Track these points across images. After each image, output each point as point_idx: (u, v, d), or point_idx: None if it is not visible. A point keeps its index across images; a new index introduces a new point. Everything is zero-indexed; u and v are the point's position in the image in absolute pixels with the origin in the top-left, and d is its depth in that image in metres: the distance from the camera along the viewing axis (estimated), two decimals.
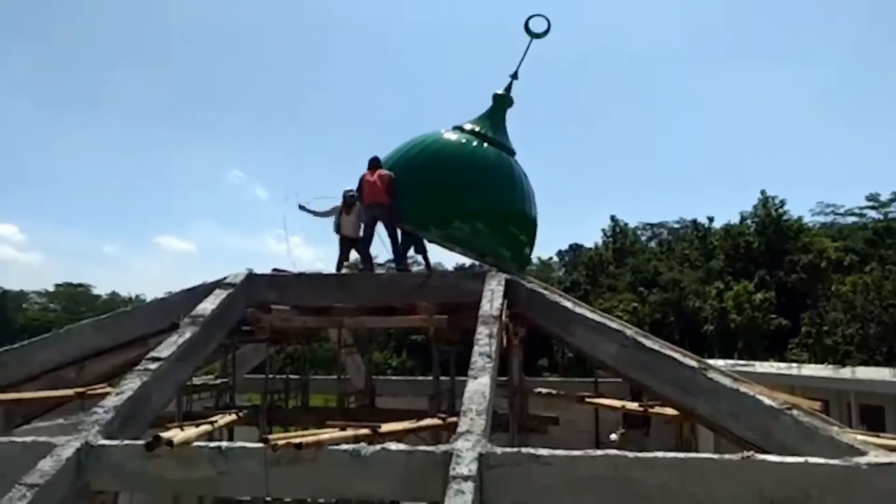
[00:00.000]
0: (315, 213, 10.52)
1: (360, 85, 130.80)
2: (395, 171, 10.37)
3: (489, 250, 10.67)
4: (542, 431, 9.80)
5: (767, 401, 6.45)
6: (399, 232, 10.50)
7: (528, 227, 11.30)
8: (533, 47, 11.27)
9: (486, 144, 10.90)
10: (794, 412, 6.25)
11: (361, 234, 10.37)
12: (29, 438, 6.02)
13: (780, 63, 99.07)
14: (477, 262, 11.09)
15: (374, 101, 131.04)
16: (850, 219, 53.00)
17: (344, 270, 10.56)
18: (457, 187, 10.38)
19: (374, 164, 10.46)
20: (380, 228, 10.38)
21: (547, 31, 11.22)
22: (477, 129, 11.04)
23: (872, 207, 51.31)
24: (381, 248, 10.62)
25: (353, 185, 10.46)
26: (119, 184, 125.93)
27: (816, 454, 5.28)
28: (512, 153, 11.26)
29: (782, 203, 44.89)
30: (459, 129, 11.11)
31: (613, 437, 11.56)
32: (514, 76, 11.49)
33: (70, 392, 8.82)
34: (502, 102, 11.47)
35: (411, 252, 11.28)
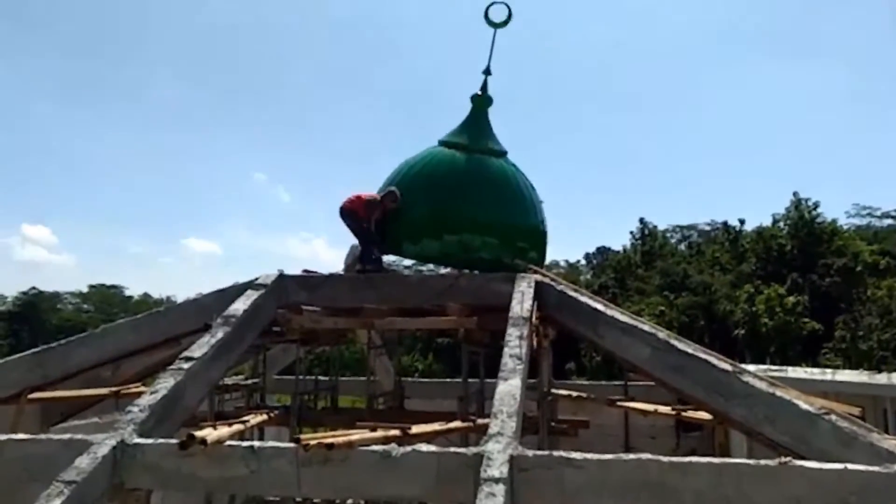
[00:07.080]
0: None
1: (377, 88, 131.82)
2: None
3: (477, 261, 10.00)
4: (573, 434, 9.73)
5: (804, 405, 6.34)
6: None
7: (527, 229, 10.41)
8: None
9: (472, 154, 10.33)
10: (832, 417, 6.13)
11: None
12: (66, 436, 6.12)
13: (816, 61, 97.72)
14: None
15: (392, 102, 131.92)
16: (887, 221, 52.05)
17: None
18: (438, 206, 9.92)
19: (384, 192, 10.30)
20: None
21: (509, 19, 10.44)
22: (457, 141, 10.47)
23: None
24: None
25: (370, 188, 10.43)
26: (145, 185, 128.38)
27: (855, 461, 5.17)
28: (500, 154, 10.63)
29: (816, 205, 44.04)
30: (443, 143, 10.57)
31: None
32: (487, 72, 10.70)
33: (105, 391, 8.96)
34: (481, 103, 10.78)
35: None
